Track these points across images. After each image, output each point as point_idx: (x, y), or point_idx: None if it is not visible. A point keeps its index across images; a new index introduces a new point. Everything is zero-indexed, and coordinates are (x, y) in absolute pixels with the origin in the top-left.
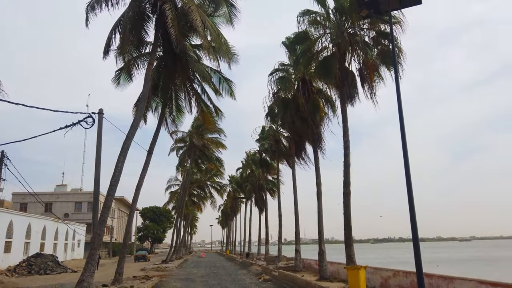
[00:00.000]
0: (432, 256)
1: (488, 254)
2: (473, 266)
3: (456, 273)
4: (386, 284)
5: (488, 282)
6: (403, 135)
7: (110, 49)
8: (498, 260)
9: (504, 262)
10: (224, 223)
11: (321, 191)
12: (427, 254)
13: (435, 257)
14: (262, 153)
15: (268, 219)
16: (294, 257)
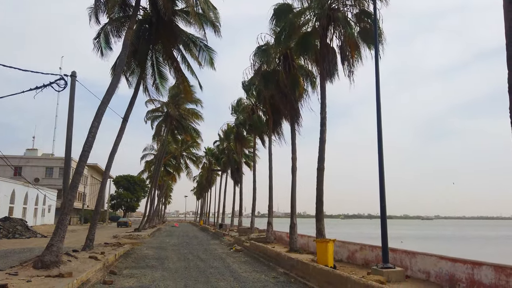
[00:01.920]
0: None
1: (450, 233)
2: (436, 243)
3: (419, 249)
4: (352, 257)
5: (448, 257)
6: (378, 115)
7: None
8: (458, 238)
9: (464, 240)
10: (199, 194)
11: (296, 166)
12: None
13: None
14: (238, 126)
15: (242, 192)
16: (266, 229)
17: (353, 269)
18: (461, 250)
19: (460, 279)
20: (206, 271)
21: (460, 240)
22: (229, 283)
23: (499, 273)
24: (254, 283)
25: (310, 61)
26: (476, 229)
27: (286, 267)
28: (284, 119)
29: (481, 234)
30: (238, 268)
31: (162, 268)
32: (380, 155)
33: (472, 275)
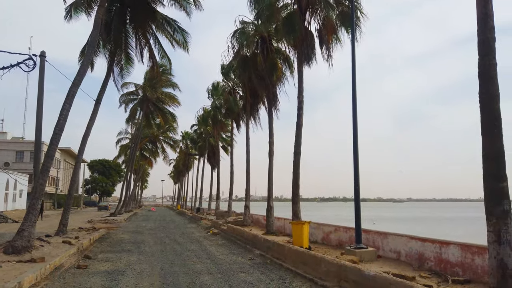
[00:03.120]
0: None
1: (421, 214)
2: (407, 224)
3: (390, 230)
4: (327, 238)
5: (417, 237)
6: (354, 99)
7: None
8: (428, 220)
9: (433, 221)
10: (176, 179)
11: (273, 150)
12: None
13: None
14: (215, 110)
15: (220, 176)
16: (243, 213)
17: (327, 250)
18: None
19: (429, 258)
20: (183, 254)
21: (429, 221)
22: (205, 266)
23: (465, 251)
24: (231, 265)
25: (288, 45)
26: (446, 211)
27: (262, 249)
28: (262, 103)
29: (450, 215)
30: (215, 251)
31: (138, 252)
32: (355, 140)
33: (440, 254)
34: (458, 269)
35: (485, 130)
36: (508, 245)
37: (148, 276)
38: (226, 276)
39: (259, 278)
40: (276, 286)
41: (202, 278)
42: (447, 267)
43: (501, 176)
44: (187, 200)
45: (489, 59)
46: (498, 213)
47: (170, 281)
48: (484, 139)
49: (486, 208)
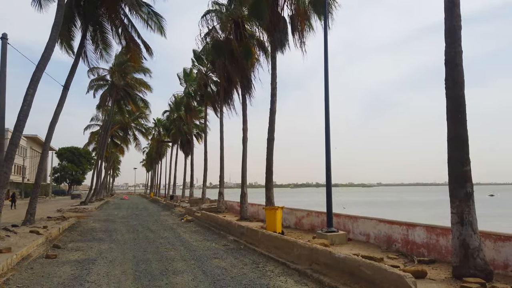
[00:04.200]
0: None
1: (390, 198)
2: (376, 208)
3: (360, 213)
4: (300, 223)
5: (386, 220)
6: (326, 85)
7: None
8: (396, 203)
9: (400, 204)
10: (149, 166)
11: (247, 137)
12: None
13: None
14: (188, 96)
15: (193, 163)
16: (217, 199)
17: (300, 234)
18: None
19: (396, 240)
20: (156, 241)
21: (397, 205)
22: (179, 252)
23: (430, 233)
24: (205, 251)
25: (261, 31)
26: (413, 195)
27: (236, 235)
28: (236, 89)
29: (417, 199)
30: (189, 238)
31: (110, 240)
32: (327, 126)
33: (407, 235)
34: (423, 250)
35: (450, 115)
36: (470, 226)
37: (120, 264)
38: (199, 262)
39: (232, 263)
40: (249, 270)
41: (175, 264)
42: (414, 248)
43: (464, 160)
44: (160, 187)
45: (454, 47)
46: (461, 195)
47: (143, 269)
48: (449, 125)
49: (450, 191)
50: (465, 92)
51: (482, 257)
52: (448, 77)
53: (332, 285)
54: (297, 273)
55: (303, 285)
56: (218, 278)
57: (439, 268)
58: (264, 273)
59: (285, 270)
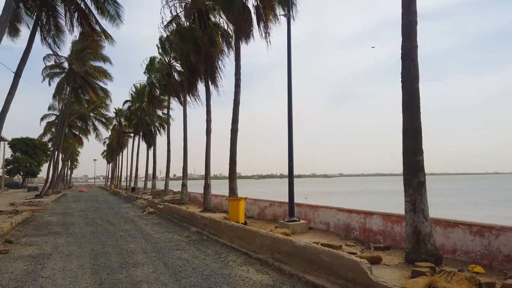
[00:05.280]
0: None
1: (349, 188)
2: (336, 197)
3: (321, 202)
4: (263, 213)
5: (345, 209)
6: (289, 76)
7: None
8: (356, 192)
9: (360, 194)
10: (110, 158)
11: (211, 128)
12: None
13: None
14: (151, 86)
15: (156, 154)
16: (180, 191)
17: (262, 224)
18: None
19: (355, 228)
20: (116, 234)
21: (356, 194)
22: (140, 245)
23: (386, 220)
24: (166, 243)
25: (225, 20)
26: (374, 184)
27: (199, 226)
28: (200, 79)
29: (376, 188)
30: (150, 230)
31: (66, 234)
32: (290, 117)
33: (364, 223)
34: (379, 237)
35: (405, 108)
36: (422, 214)
37: (78, 258)
38: (161, 254)
39: (194, 255)
40: (211, 261)
41: (136, 257)
42: (370, 235)
43: (418, 150)
44: (121, 179)
45: (410, 42)
46: (414, 184)
47: (102, 262)
48: (404, 116)
49: (404, 180)
50: (419, 85)
51: (433, 243)
52: (404, 71)
53: (292, 273)
54: (258, 262)
55: (264, 274)
56: (179, 270)
57: (394, 254)
58: (226, 263)
59: (247, 259)
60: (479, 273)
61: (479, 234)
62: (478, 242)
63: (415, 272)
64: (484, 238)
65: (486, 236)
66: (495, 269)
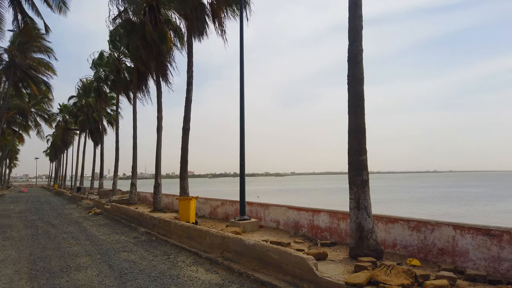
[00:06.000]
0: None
1: (302, 186)
2: (288, 196)
3: (272, 201)
4: (214, 212)
5: (294, 207)
6: (241, 76)
7: None
8: (306, 190)
9: (310, 191)
10: (53, 156)
11: (162, 126)
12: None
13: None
14: (98, 81)
15: (104, 152)
16: (129, 191)
17: (214, 223)
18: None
19: (303, 225)
20: (58, 237)
21: (308, 192)
22: (83, 247)
23: (332, 218)
24: (113, 244)
25: (180, 17)
26: (325, 183)
27: (148, 227)
28: (151, 76)
29: (327, 186)
30: (96, 231)
31: (2, 237)
32: (242, 117)
33: (312, 221)
34: (326, 233)
35: (351, 109)
36: (365, 210)
37: (14, 263)
38: (106, 257)
39: (142, 256)
40: (159, 262)
41: (78, 260)
42: (318, 232)
43: (362, 150)
44: (66, 179)
45: (356, 45)
46: (358, 182)
47: (41, 267)
48: (350, 117)
49: (349, 178)
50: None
51: (375, 238)
52: (350, 72)
53: (242, 271)
54: (208, 261)
55: (213, 273)
56: (125, 272)
57: (339, 249)
58: (175, 264)
59: (197, 259)
60: (416, 266)
61: (416, 229)
62: (416, 237)
63: (357, 267)
64: (420, 233)
65: (423, 231)
66: (430, 262)
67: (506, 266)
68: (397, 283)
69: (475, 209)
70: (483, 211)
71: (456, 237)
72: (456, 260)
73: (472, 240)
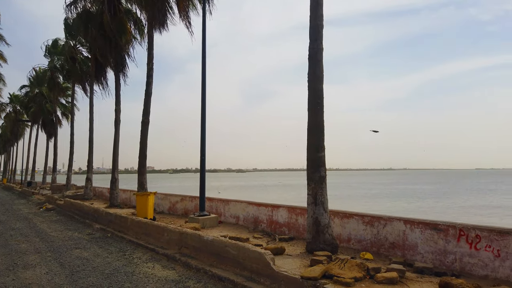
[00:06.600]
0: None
1: (263, 183)
2: (249, 192)
3: (233, 197)
4: (173, 208)
5: (254, 203)
6: (203, 69)
7: None
8: (268, 187)
9: (271, 188)
10: (2, 149)
11: (120, 119)
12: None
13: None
14: (53, 71)
15: (57, 146)
16: (84, 186)
17: (172, 219)
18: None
19: (262, 220)
20: (5, 234)
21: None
22: (33, 244)
23: (291, 213)
24: (65, 241)
25: (141, 8)
26: (287, 179)
27: (103, 223)
28: (110, 67)
29: (287, 182)
30: (47, 228)
31: None
32: (203, 112)
33: (271, 216)
34: (285, 228)
35: (310, 106)
36: (322, 206)
37: None
38: (57, 254)
39: (96, 253)
40: (114, 259)
41: (27, 258)
42: (277, 227)
43: (320, 147)
44: (16, 173)
45: (317, 44)
46: (316, 178)
47: None
48: (309, 115)
49: (307, 174)
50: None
51: (330, 233)
52: (310, 70)
53: (199, 267)
54: (165, 258)
55: (170, 269)
56: (77, 269)
57: (297, 244)
58: (131, 261)
59: (154, 256)
60: (368, 259)
61: (370, 224)
62: (369, 231)
63: (313, 261)
64: (374, 227)
65: (376, 225)
66: (382, 255)
67: (451, 259)
68: (350, 276)
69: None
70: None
71: (407, 231)
72: (406, 253)
73: (421, 234)
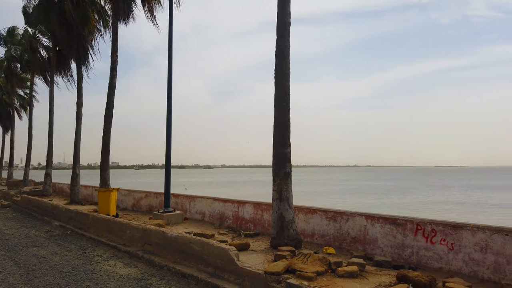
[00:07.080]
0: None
1: (230, 179)
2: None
3: (200, 193)
4: (137, 205)
5: (220, 199)
6: (170, 64)
7: None
8: (235, 183)
9: (239, 184)
10: None
11: (82, 112)
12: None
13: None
14: (10, 60)
15: (15, 139)
16: (43, 181)
17: (136, 216)
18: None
19: (228, 217)
20: None
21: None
22: None
23: (256, 209)
24: (21, 239)
25: None
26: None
27: (63, 220)
28: (73, 58)
29: (255, 179)
30: (2, 226)
31: None
32: (169, 105)
33: (237, 212)
34: (251, 224)
35: (277, 103)
36: (287, 202)
37: None
38: (11, 252)
39: (54, 251)
40: (74, 257)
41: None
42: (243, 223)
43: (286, 143)
44: None
45: (284, 41)
46: (281, 175)
47: None
48: (276, 111)
49: (273, 170)
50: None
51: (295, 228)
52: (277, 67)
53: (162, 264)
54: (128, 255)
55: (132, 267)
56: (33, 268)
57: (262, 240)
58: (91, 259)
59: (116, 253)
60: (331, 254)
61: (333, 219)
62: (332, 226)
63: (277, 256)
64: (336, 222)
65: (338, 220)
66: (344, 249)
67: (409, 252)
68: (313, 271)
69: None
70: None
71: (368, 226)
72: (366, 247)
73: (381, 229)
